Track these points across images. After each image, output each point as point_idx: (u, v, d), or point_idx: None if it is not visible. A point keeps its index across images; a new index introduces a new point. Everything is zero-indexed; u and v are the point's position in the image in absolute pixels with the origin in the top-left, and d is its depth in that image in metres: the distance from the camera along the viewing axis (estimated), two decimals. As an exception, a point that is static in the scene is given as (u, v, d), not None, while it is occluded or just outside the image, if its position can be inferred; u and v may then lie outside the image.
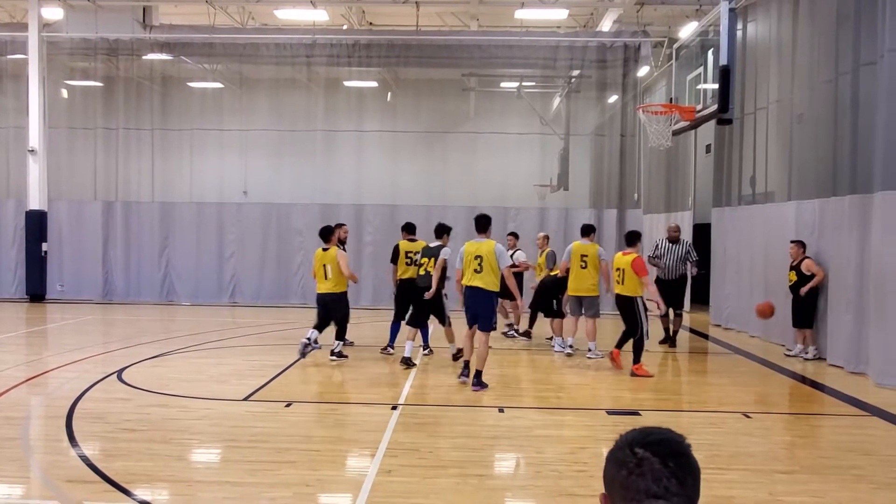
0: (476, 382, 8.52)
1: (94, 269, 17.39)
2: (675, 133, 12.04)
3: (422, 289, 9.90)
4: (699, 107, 11.14)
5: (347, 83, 17.95)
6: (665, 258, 11.85)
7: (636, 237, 9.92)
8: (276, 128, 17.82)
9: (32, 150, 17.12)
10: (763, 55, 13.19)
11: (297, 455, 5.92)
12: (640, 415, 7.58)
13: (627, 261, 9.50)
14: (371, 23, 20.02)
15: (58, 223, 17.45)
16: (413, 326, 10.17)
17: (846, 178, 9.99)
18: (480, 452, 6.15)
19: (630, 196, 17.25)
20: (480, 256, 8.52)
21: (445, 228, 10.34)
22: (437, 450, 6.15)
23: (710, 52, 10.91)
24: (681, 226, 13.26)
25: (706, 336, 13.60)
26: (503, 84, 18.77)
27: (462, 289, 8.78)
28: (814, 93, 11.05)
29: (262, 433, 6.59)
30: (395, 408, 7.57)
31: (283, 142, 17.89)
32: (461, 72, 17.90)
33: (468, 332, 8.86)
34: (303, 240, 17.17)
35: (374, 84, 18.35)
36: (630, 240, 9.88)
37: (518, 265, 11.83)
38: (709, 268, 13.46)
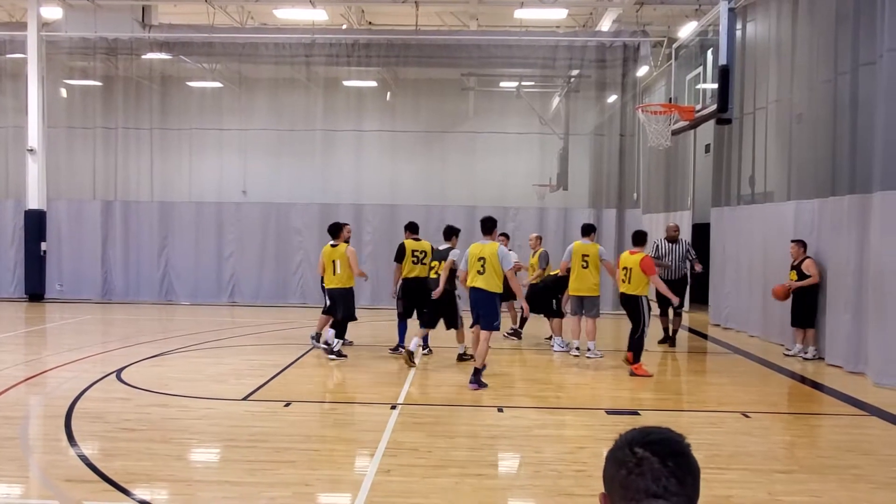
0: (474, 380, 8.55)
1: (94, 269, 17.38)
2: (675, 133, 12.05)
3: (433, 291, 10.09)
4: (698, 106, 11.14)
5: (346, 83, 17.95)
6: (666, 258, 11.88)
7: (643, 237, 10.02)
8: (276, 127, 17.81)
9: (31, 150, 17.11)
10: (762, 55, 13.19)
11: (297, 455, 5.93)
12: (640, 414, 7.58)
13: (635, 260, 9.54)
14: (370, 22, 20.02)
15: (57, 223, 17.44)
16: (425, 327, 10.29)
17: (845, 178, 9.99)
18: (480, 452, 6.15)
19: (629, 196, 17.26)
20: (483, 258, 8.64)
21: (454, 230, 10.43)
22: (437, 449, 6.15)
23: (710, 52, 10.91)
24: (680, 226, 13.27)
25: (705, 336, 13.61)
26: (502, 84, 18.77)
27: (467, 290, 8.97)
28: (813, 93, 11.05)
29: (262, 433, 6.59)
30: (395, 407, 7.57)
31: (283, 141, 17.89)
32: (460, 71, 17.90)
33: (475, 333, 9.03)
34: (302, 239, 17.18)
35: (374, 84, 18.35)
36: (637, 240, 9.95)
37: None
38: (708, 268, 13.46)
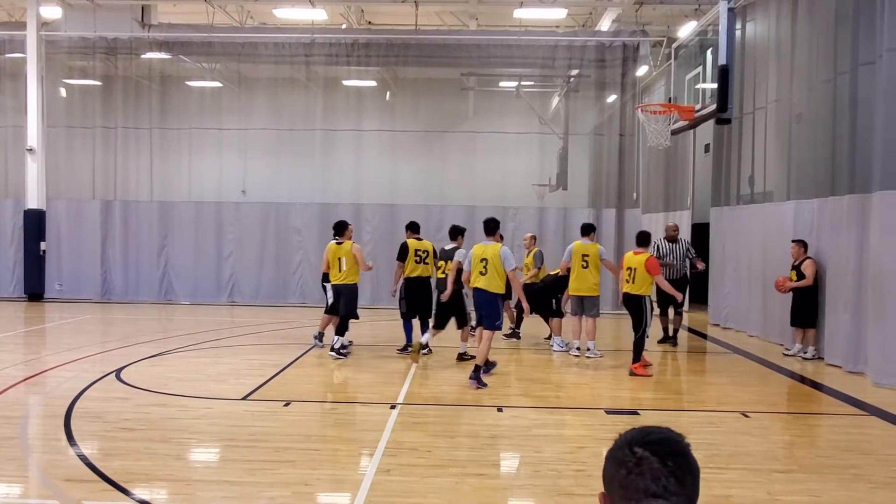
0: (474, 376, 8.60)
1: (93, 269, 17.37)
2: (674, 132, 12.06)
3: (439, 290, 10.20)
4: (698, 106, 11.15)
5: (346, 82, 17.94)
6: (667, 258, 11.89)
7: (647, 237, 10.12)
8: (275, 127, 17.80)
9: (31, 149, 17.10)
10: (762, 55, 13.19)
11: (296, 454, 5.93)
12: (639, 414, 7.59)
13: (640, 260, 9.59)
14: (370, 22, 20.01)
15: (56, 222, 17.43)
16: (437, 329, 10.39)
17: (845, 178, 9.99)
18: (479, 452, 6.15)
19: (629, 195, 17.26)
20: (486, 259, 8.78)
21: (460, 230, 10.51)
22: (436, 449, 6.15)
23: (709, 52, 10.92)
24: (679, 225, 13.27)
25: (705, 335, 13.61)
26: (502, 83, 18.76)
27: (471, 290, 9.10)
28: (812, 92, 11.05)
29: (261, 432, 6.59)
30: (394, 407, 7.57)
31: (282, 141, 17.88)
32: (460, 71, 17.89)
33: (478, 331, 9.13)
34: (301, 239, 17.17)
35: (373, 83, 18.34)
36: (641, 240, 10.03)
37: None
38: (707, 267, 13.48)
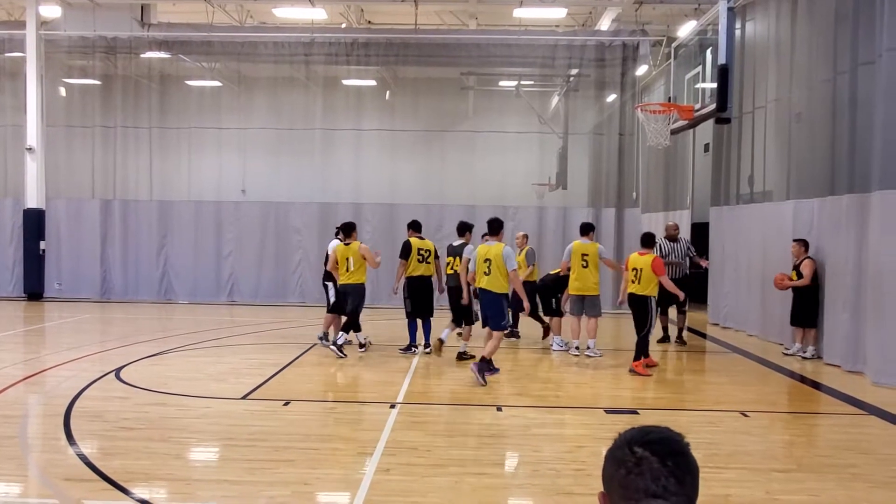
0: (478, 367, 8.67)
1: (92, 268, 17.36)
2: (674, 132, 12.07)
3: (453, 288, 10.33)
4: (697, 106, 11.16)
5: (346, 82, 17.93)
6: (669, 257, 11.89)
7: (652, 238, 10.17)
8: (275, 126, 17.79)
9: (30, 149, 17.09)
10: (761, 54, 13.19)
11: (296, 453, 5.93)
12: (639, 413, 7.59)
13: (647, 261, 9.60)
14: (370, 21, 20.00)
15: (56, 221, 17.42)
16: (458, 325, 10.49)
17: (844, 177, 9.99)
18: (478, 451, 6.15)
19: (628, 195, 17.25)
20: (489, 259, 8.92)
21: (467, 226, 10.56)
22: (436, 448, 6.16)
23: (709, 51, 10.93)
24: (679, 224, 13.27)
25: (704, 335, 13.62)
26: (502, 83, 18.75)
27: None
28: (812, 92, 11.05)
29: (261, 432, 6.59)
30: (394, 406, 7.58)
31: (282, 140, 17.87)
32: (460, 70, 17.89)
33: (487, 331, 9.27)
34: (301, 238, 17.17)
35: (373, 83, 18.33)
36: (646, 241, 10.06)
37: None
38: (701, 267, 13.48)
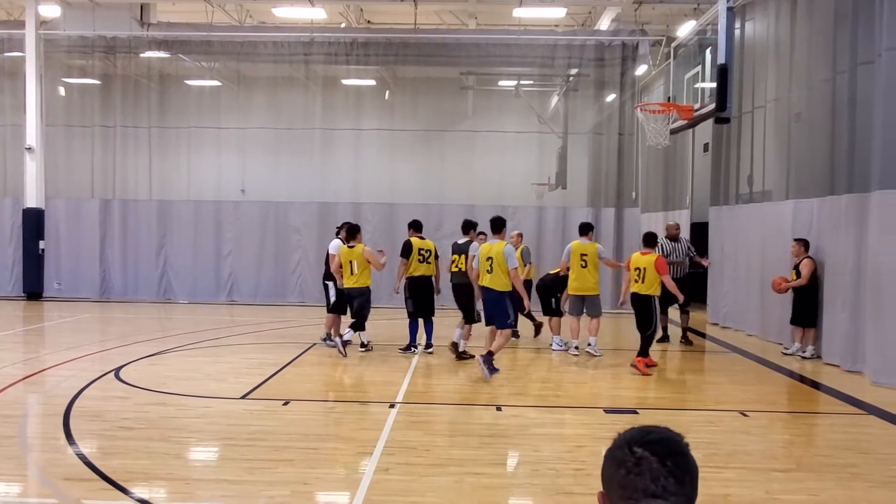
0: (484, 360, 8.83)
1: (92, 267, 17.35)
2: (673, 132, 12.07)
3: (459, 285, 10.38)
4: (697, 105, 11.16)
5: (345, 81, 17.93)
6: (671, 256, 11.88)
7: (654, 238, 10.20)
8: (274, 126, 17.78)
9: (30, 148, 17.08)
10: (761, 54, 13.19)
11: (295, 453, 5.93)
12: (638, 413, 7.59)
13: (650, 260, 9.62)
14: (369, 21, 20.00)
15: (55, 221, 17.41)
16: (468, 323, 10.48)
17: (843, 177, 9.99)
18: (478, 451, 6.15)
19: (628, 195, 17.25)
20: (491, 258, 9.00)
21: (472, 224, 10.59)
22: (435, 448, 6.16)
23: (708, 51, 10.94)
24: (679, 224, 13.27)
25: (703, 334, 13.61)
26: (501, 82, 18.74)
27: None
28: (811, 91, 11.05)
29: (260, 431, 6.59)
30: (393, 406, 7.58)
31: (281, 140, 17.86)
32: (459, 70, 17.88)
33: (490, 330, 9.35)
34: (300, 238, 17.16)
35: (372, 82, 18.32)
36: (649, 241, 10.07)
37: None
38: (703, 267, 13.49)
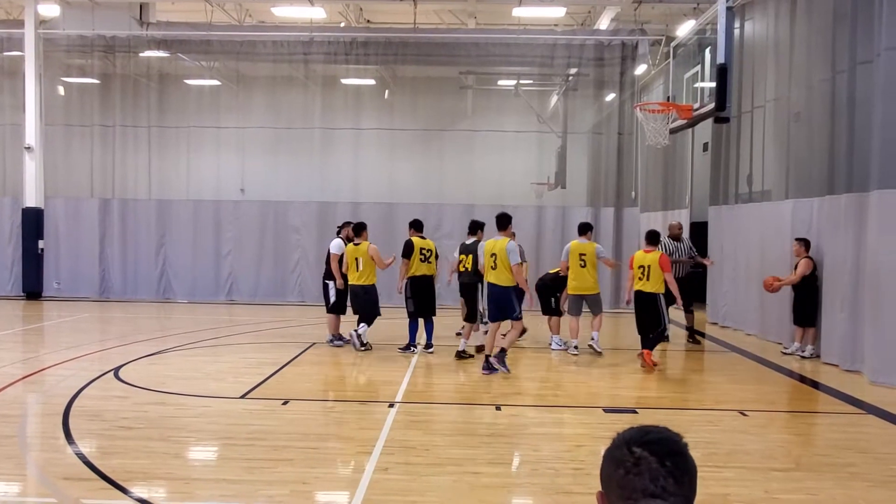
0: (498, 359, 9.07)
1: (91, 267, 17.35)
2: (673, 131, 12.08)
3: (466, 284, 10.46)
4: (696, 105, 11.16)
5: (345, 81, 17.92)
6: (673, 256, 11.87)
7: (657, 236, 10.28)
8: (274, 125, 17.77)
9: (29, 148, 17.07)
10: (760, 53, 13.19)
11: (295, 453, 5.93)
12: (638, 413, 7.60)
13: (654, 258, 9.65)
14: (368, 20, 20.00)
15: (54, 220, 17.40)
16: (470, 321, 10.53)
17: (842, 177, 10.00)
18: (477, 450, 6.15)
19: (627, 194, 17.25)
20: (495, 254, 9.12)
21: (479, 224, 10.63)
22: (434, 447, 6.16)
23: (708, 51, 10.93)
24: (671, 224, 13.25)
25: (703, 334, 13.60)
26: (501, 82, 18.73)
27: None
28: (811, 91, 11.05)
29: (259, 431, 6.59)
30: (393, 405, 7.58)
31: (281, 139, 17.86)
32: (459, 70, 17.88)
33: (493, 327, 9.42)
34: (300, 237, 17.17)
35: (372, 82, 18.32)
36: (652, 239, 10.12)
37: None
38: (705, 266, 13.51)
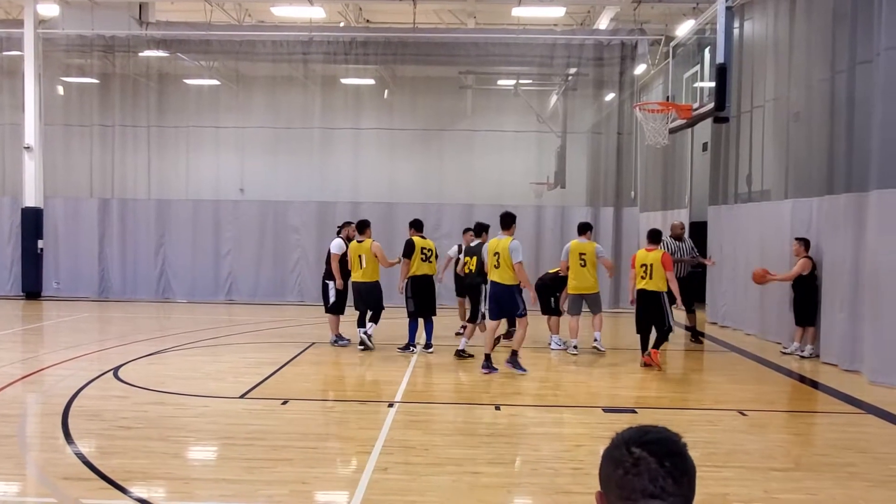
0: (512, 363, 9.21)
1: (90, 267, 17.35)
2: (672, 131, 12.08)
3: (470, 285, 10.56)
4: (696, 105, 11.16)
5: (344, 81, 17.92)
6: (675, 255, 11.88)
7: (659, 235, 10.27)
8: (273, 125, 17.77)
9: (28, 147, 17.07)
10: (759, 53, 13.19)
11: (294, 452, 5.93)
12: (637, 412, 7.60)
13: (656, 256, 9.68)
14: (368, 20, 20.00)
15: (54, 220, 17.40)
16: (472, 321, 10.59)
17: (842, 177, 10.00)
18: (477, 450, 6.15)
19: (627, 194, 17.27)
20: (498, 253, 9.15)
21: (484, 227, 10.70)
22: (434, 447, 6.16)
23: (707, 51, 10.93)
24: (674, 224, 13.25)
25: (702, 333, 13.61)
26: (500, 82, 18.73)
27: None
28: (810, 91, 11.06)
29: (259, 430, 6.59)
30: (392, 405, 7.58)
31: (280, 139, 17.86)
32: (458, 69, 17.87)
33: (494, 325, 9.49)
34: (299, 237, 17.17)
35: (371, 82, 18.32)
36: (654, 237, 10.13)
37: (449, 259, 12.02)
38: (705, 266, 13.52)
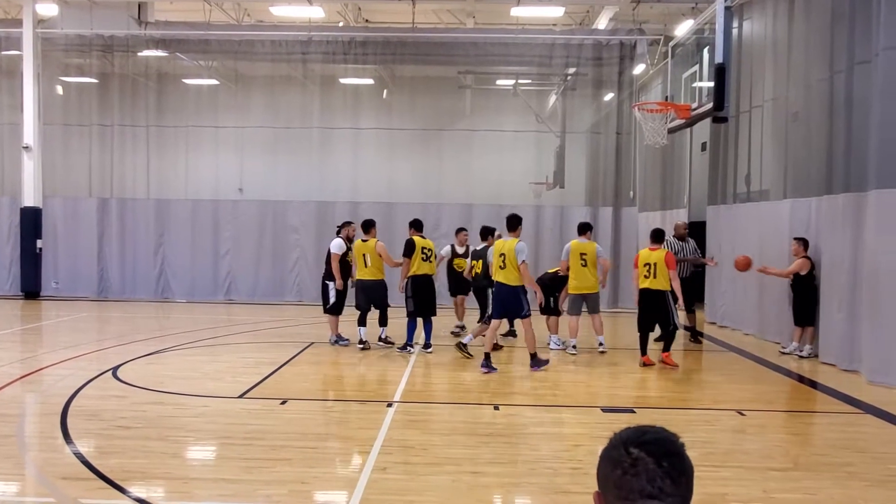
0: (533, 363, 9.34)
1: (90, 266, 17.34)
2: (671, 131, 12.08)
3: (477, 287, 10.70)
4: (694, 105, 11.16)
5: (343, 80, 17.92)
6: (679, 255, 11.88)
7: (662, 234, 10.31)
8: (272, 125, 17.76)
9: (27, 147, 17.05)
10: (758, 53, 13.20)
11: (293, 452, 5.93)
12: (636, 412, 7.60)
13: (659, 256, 9.72)
14: (367, 20, 20.00)
15: (53, 220, 17.39)
16: (481, 322, 10.66)
17: (840, 177, 10.01)
18: (475, 450, 6.16)
19: (626, 194, 17.28)
20: (504, 254, 9.24)
21: (490, 230, 10.88)
22: (433, 447, 6.17)
23: (706, 51, 10.94)
24: (677, 224, 13.27)
25: (701, 334, 13.62)
26: (499, 81, 18.72)
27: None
28: (809, 91, 11.06)
29: (258, 430, 6.59)
30: (391, 405, 7.59)
31: (279, 139, 17.85)
32: (457, 69, 17.87)
33: (496, 324, 9.56)
34: (299, 237, 17.16)
35: (370, 81, 18.31)
36: (657, 237, 10.16)
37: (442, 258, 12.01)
38: (705, 266, 13.52)
